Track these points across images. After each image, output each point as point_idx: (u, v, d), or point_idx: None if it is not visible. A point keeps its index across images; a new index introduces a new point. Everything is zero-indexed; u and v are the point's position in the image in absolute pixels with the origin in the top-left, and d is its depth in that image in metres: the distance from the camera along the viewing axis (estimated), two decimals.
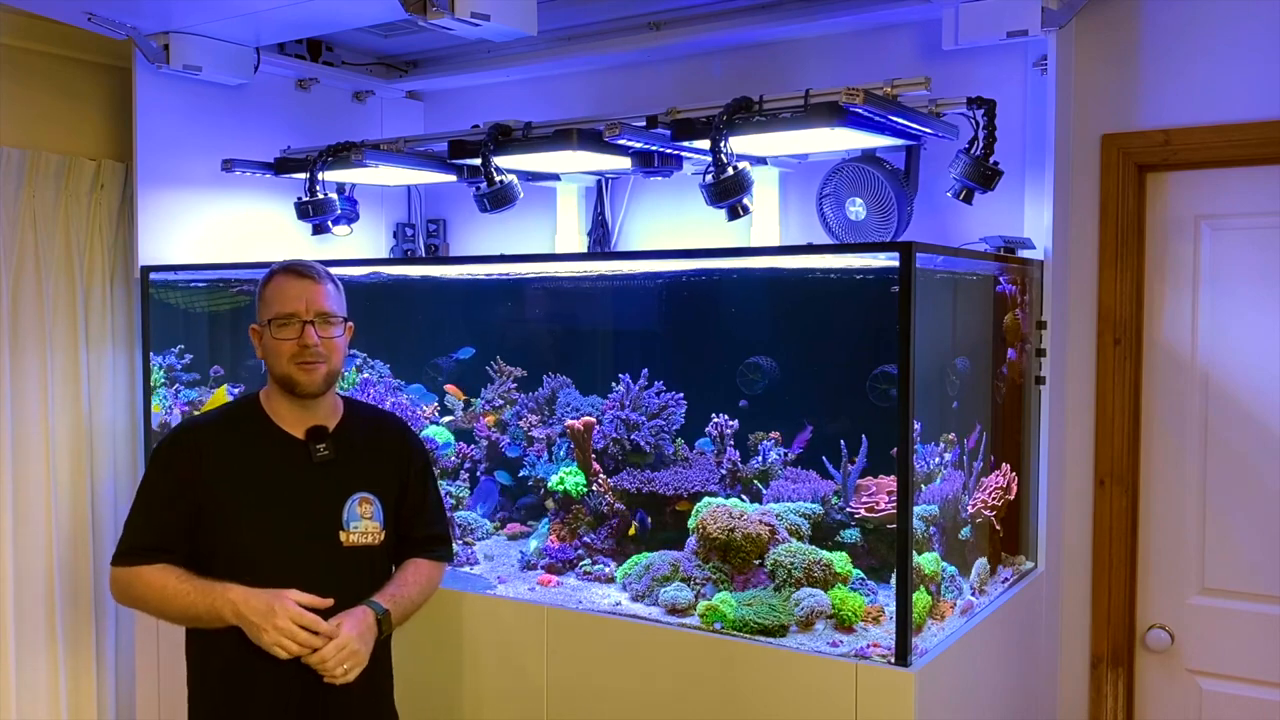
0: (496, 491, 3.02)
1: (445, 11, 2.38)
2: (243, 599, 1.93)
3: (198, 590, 1.95)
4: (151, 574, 1.98)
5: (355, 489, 2.07)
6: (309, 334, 2.01)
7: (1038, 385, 2.64)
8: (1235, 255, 2.64)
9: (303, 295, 2.03)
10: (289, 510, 2.03)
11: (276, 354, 2.04)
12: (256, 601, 1.92)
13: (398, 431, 2.25)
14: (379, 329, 3.27)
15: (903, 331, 1.98)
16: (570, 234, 3.43)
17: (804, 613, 2.21)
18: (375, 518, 2.08)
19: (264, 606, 1.92)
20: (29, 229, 3.11)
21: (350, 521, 2.05)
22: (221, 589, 1.94)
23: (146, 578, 1.99)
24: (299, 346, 2.01)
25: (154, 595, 1.98)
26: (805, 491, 2.57)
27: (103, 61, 3.28)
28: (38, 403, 3.12)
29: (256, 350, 2.09)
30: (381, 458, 2.16)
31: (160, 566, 1.99)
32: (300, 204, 3.10)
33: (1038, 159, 2.66)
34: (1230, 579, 2.68)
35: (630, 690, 2.28)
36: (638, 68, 3.38)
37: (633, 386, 2.80)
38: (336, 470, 2.07)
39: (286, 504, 2.03)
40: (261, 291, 2.07)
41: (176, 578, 1.97)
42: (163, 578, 1.98)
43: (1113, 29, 2.70)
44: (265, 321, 2.05)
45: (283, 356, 2.03)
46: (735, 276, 2.88)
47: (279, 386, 2.07)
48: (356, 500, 2.07)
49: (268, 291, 2.06)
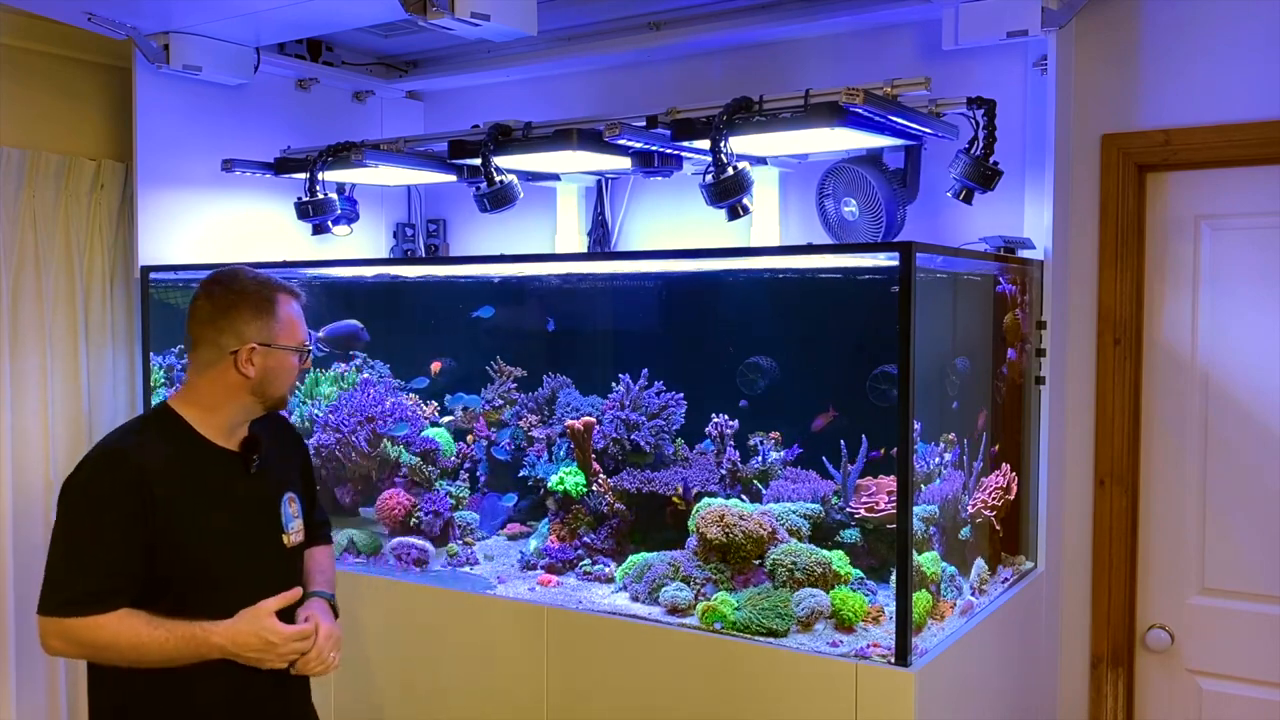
0: (505, 514, 3.00)
1: (445, 11, 2.38)
2: (230, 639, 1.89)
3: (176, 638, 1.85)
4: (116, 624, 1.82)
5: (283, 490, 2.09)
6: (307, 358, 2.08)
7: (1038, 385, 2.64)
8: (1235, 255, 2.64)
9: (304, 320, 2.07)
10: (238, 523, 2.00)
11: (289, 376, 2.02)
12: (246, 638, 1.90)
13: (287, 425, 2.27)
14: (379, 329, 3.26)
15: (903, 331, 1.98)
16: (570, 234, 3.43)
17: (804, 613, 2.21)
18: (300, 515, 2.12)
19: (258, 641, 1.90)
20: (29, 229, 3.11)
21: (288, 523, 2.07)
22: (203, 633, 1.87)
23: (112, 628, 1.82)
24: (302, 370, 2.06)
25: (123, 646, 1.83)
26: (805, 491, 2.57)
27: (103, 61, 3.28)
28: (37, 402, 3.12)
29: (246, 369, 1.94)
30: (288, 455, 2.18)
31: (122, 613, 1.83)
32: (300, 204, 3.10)
33: (1038, 159, 2.66)
34: (1230, 579, 2.68)
35: (630, 690, 2.28)
36: (638, 68, 3.38)
37: (633, 386, 2.80)
38: (267, 476, 2.06)
39: (235, 517, 2.00)
40: (274, 311, 1.98)
41: (146, 624, 1.84)
42: (132, 627, 1.83)
43: (1113, 29, 2.70)
44: (285, 344, 1.99)
45: (292, 379, 2.04)
46: (735, 276, 2.88)
47: (262, 404, 2.02)
48: (287, 501, 2.08)
49: (289, 315, 2.01)
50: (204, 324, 1.96)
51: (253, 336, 1.95)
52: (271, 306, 1.98)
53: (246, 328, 1.95)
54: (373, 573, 2.72)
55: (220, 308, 1.96)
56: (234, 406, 1.99)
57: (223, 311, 1.96)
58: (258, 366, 1.95)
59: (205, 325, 1.96)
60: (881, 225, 2.60)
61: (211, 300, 1.98)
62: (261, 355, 1.96)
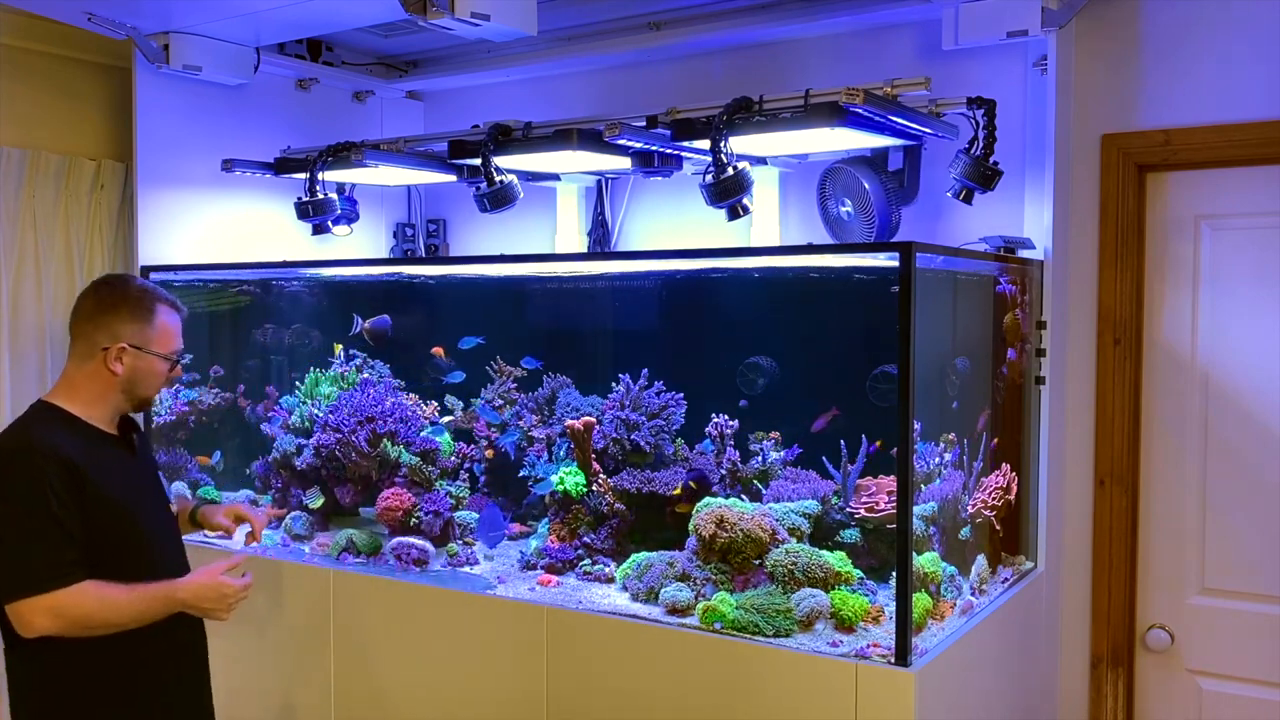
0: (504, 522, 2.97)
1: (445, 11, 2.38)
2: (193, 594, 2.10)
3: (147, 598, 2.05)
4: (95, 590, 1.98)
5: (156, 466, 2.35)
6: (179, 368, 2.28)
7: (1038, 385, 2.64)
8: (1235, 255, 2.64)
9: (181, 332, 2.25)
10: (143, 497, 2.21)
11: (158, 380, 2.19)
12: (205, 590, 2.11)
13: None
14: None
15: (903, 331, 1.98)
16: (570, 234, 3.42)
17: (804, 613, 2.21)
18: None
19: (214, 593, 2.11)
20: (29, 229, 3.12)
21: (169, 493, 2.35)
22: (169, 590, 2.08)
23: (94, 594, 1.97)
24: (173, 379, 2.29)
25: (107, 611, 1.99)
26: (805, 491, 2.57)
27: (103, 61, 3.28)
28: None
29: (114, 366, 2.09)
30: (145, 442, 2.40)
31: (88, 583, 1.98)
32: (300, 204, 3.10)
33: (1038, 159, 2.66)
34: (1230, 579, 2.68)
35: (630, 690, 2.28)
36: (638, 68, 3.38)
37: (633, 386, 2.80)
38: (142, 454, 2.28)
39: (139, 492, 2.20)
40: (151, 318, 2.14)
41: (117, 589, 2.01)
42: (107, 592, 1.99)
43: (1113, 29, 2.70)
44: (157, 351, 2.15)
45: (160, 383, 2.21)
46: (735, 276, 2.87)
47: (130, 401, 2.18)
48: (162, 475, 2.36)
49: (166, 324, 2.17)
50: (84, 320, 2.12)
51: (126, 337, 2.11)
52: (150, 314, 2.15)
53: (123, 328, 2.11)
54: (373, 573, 2.72)
55: (102, 307, 2.12)
56: (107, 401, 2.14)
57: (104, 310, 2.12)
58: (126, 366, 2.11)
59: (85, 322, 2.12)
60: (874, 226, 2.60)
61: (97, 298, 2.14)
62: (132, 356, 2.11)
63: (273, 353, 3.43)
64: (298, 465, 3.06)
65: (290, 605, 2.81)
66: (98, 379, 2.11)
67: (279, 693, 2.82)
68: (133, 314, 2.12)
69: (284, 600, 2.82)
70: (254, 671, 2.87)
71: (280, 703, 2.83)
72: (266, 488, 3.19)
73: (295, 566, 2.81)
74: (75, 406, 2.11)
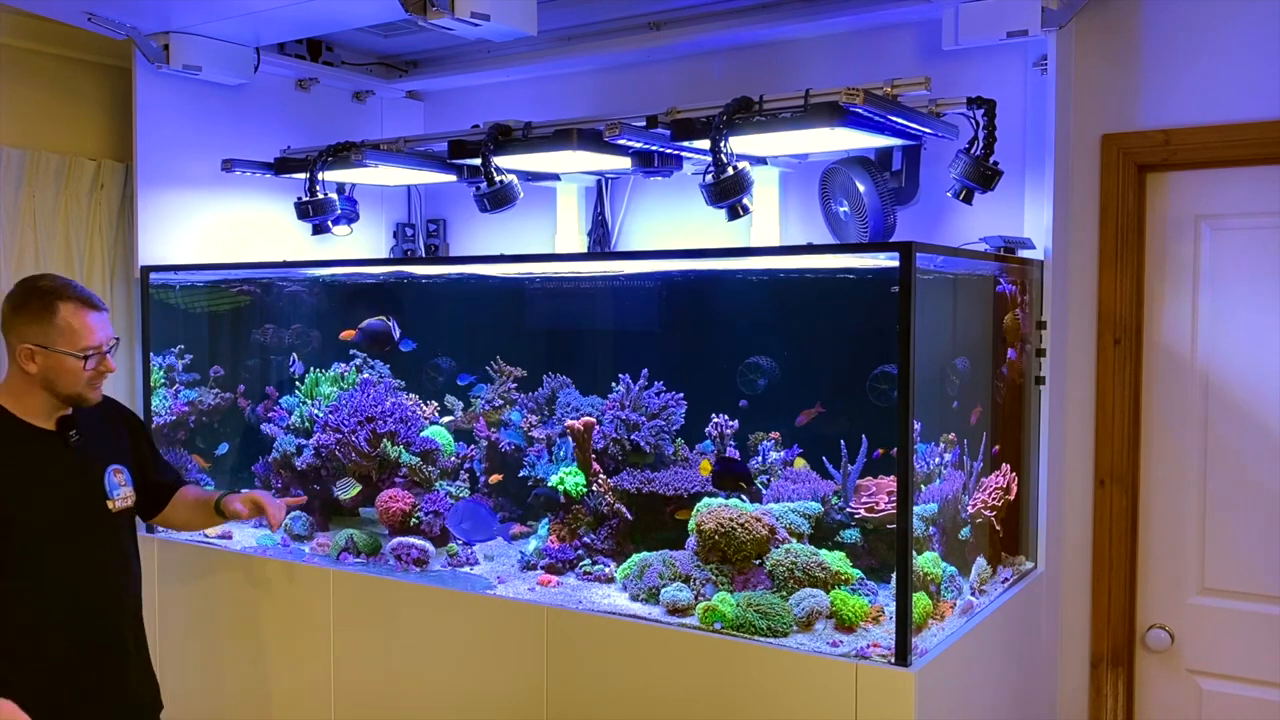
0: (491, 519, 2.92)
1: (445, 11, 2.38)
2: None
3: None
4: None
5: (108, 463, 2.38)
6: (109, 361, 2.30)
7: (1038, 385, 2.64)
8: (1235, 255, 2.64)
9: (104, 327, 2.28)
10: (59, 491, 2.28)
11: (74, 377, 2.24)
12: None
13: (118, 410, 2.55)
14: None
15: (903, 331, 1.98)
16: (570, 234, 3.42)
17: (804, 613, 2.21)
18: (128, 484, 2.42)
19: None
20: (29, 229, 3.12)
21: (113, 490, 2.37)
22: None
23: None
24: (98, 373, 2.28)
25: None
26: (805, 491, 2.58)
27: (103, 61, 3.28)
28: None
29: (27, 366, 2.20)
30: (116, 434, 2.47)
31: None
32: (300, 204, 3.10)
33: (1038, 159, 2.66)
34: (1230, 579, 2.68)
35: (630, 690, 2.28)
36: (638, 68, 3.38)
37: (633, 387, 2.80)
38: (89, 451, 2.35)
39: (56, 486, 2.27)
40: (52, 318, 2.20)
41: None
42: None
43: (1113, 29, 2.70)
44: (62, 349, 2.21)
45: (80, 379, 2.25)
46: (735, 276, 2.88)
47: (55, 398, 2.26)
48: (112, 472, 2.38)
49: (69, 322, 2.22)
50: (3, 322, 2.26)
51: (30, 338, 2.21)
52: (50, 314, 2.21)
53: (26, 329, 2.22)
54: (373, 573, 2.72)
55: (10, 309, 2.25)
56: (34, 397, 2.25)
57: (11, 312, 2.24)
58: (38, 365, 2.21)
59: (3, 323, 2.26)
60: (868, 227, 2.60)
61: (10, 301, 2.26)
62: (42, 356, 2.21)
63: (273, 353, 3.43)
64: (298, 465, 3.06)
65: (290, 605, 2.81)
66: (20, 378, 2.24)
67: (279, 693, 2.82)
68: (33, 315, 2.21)
69: (284, 600, 2.82)
70: (254, 672, 2.87)
71: (280, 703, 2.83)
72: (267, 488, 3.19)
73: (295, 566, 2.81)
74: (8, 401, 2.26)
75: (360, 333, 3.20)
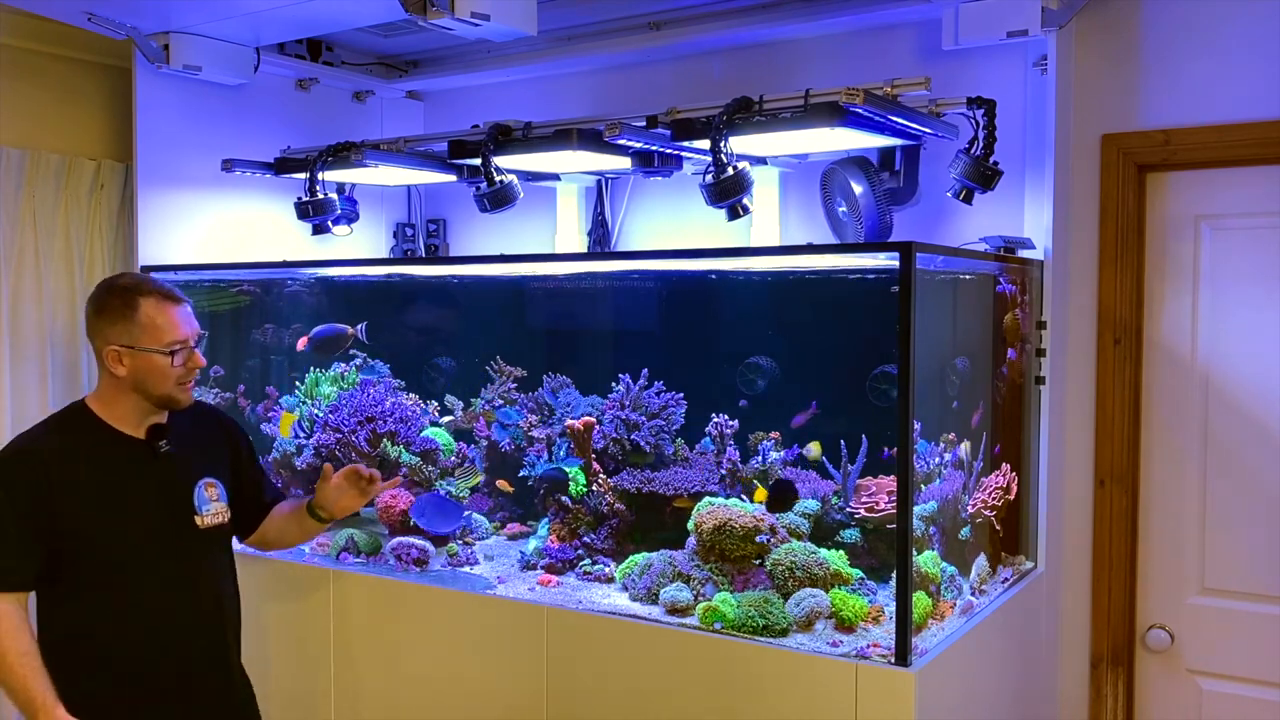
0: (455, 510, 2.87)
1: (445, 11, 2.38)
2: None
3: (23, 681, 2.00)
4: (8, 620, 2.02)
5: (200, 476, 2.26)
6: (198, 357, 2.20)
7: (1038, 385, 2.64)
8: (1235, 255, 2.64)
9: (187, 320, 2.18)
10: (144, 504, 2.18)
11: (163, 375, 2.14)
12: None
13: (218, 419, 2.44)
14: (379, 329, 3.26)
15: (903, 331, 1.98)
16: (570, 234, 3.42)
17: (804, 613, 2.21)
18: (221, 499, 2.30)
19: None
20: (29, 229, 3.11)
21: (202, 505, 2.25)
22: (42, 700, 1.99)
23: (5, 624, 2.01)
24: (188, 370, 2.18)
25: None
26: (805, 491, 2.57)
27: (103, 61, 3.28)
28: (38, 404, 3.11)
29: (116, 369, 2.12)
30: (213, 446, 2.36)
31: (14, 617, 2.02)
32: (300, 204, 3.10)
33: (1038, 159, 2.66)
34: (1230, 579, 2.68)
35: (630, 690, 2.28)
36: (638, 68, 3.38)
37: (633, 386, 2.80)
38: (179, 462, 2.23)
39: (141, 499, 2.17)
40: (134, 315, 2.12)
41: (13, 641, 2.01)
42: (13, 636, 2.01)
43: (1113, 29, 2.70)
44: (148, 346, 2.12)
45: (170, 379, 2.15)
46: (735, 276, 2.88)
47: (148, 401, 2.17)
48: (203, 486, 2.26)
49: (149, 318, 2.13)
50: (88, 328, 2.17)
51: (114, 339, 2.12)
52: (132, 311, 2.12)
53: (109, 330, 2.13)
54: (373, 573, 2.72)
55: (93, 311, 2.16)
56: (125, 402, 2.16)
57: (94, 315, 2.16)
58: (127, 367, 2.12)
59: (89, 329, 2.17)
60: (863, 227, 2.60)
61: (91, 304, 2.17)
62: (129, 356, 2.12)
63: (273, 353, 3.43)
64: (298, 465, 3.06)
65: (290, 605, 2.81)
66: (111, 383, 2.16)
67: (279, 693, 2.82)
68: (115, 315, 2.13)
69: (284, 600, 2.82)
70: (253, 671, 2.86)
71: (280, 703, 2.82)
72: None
73: (295, 566, 2.81)
74: (100, 408, 2.17)
75: (310, 342, 3.19)
